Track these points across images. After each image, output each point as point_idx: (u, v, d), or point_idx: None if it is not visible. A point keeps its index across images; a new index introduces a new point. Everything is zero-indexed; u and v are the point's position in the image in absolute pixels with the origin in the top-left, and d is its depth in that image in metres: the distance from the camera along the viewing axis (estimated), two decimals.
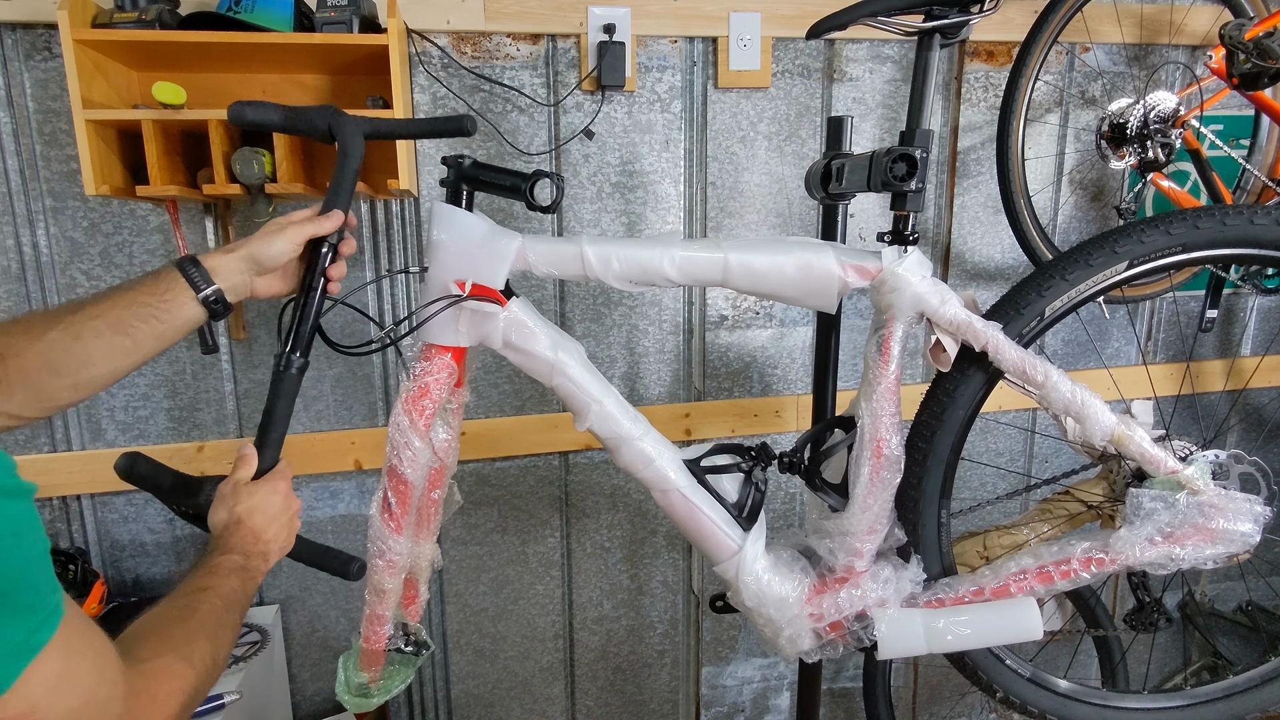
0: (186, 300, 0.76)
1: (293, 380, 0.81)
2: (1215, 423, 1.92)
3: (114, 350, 0.72)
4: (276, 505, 0.79)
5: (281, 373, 0.81)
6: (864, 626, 0.96)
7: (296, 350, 0.81)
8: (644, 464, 0.94)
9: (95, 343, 0.71)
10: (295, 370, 0.81)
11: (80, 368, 0.71)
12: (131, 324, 0.73)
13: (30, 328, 0.69)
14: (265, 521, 0.77)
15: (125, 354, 0.73)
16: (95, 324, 0.71)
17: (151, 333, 0.74)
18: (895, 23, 0.89)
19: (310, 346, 0.83)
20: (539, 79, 1.49)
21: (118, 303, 0.73)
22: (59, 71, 1.31)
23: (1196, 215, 0.89)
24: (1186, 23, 1.68)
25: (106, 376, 0.73)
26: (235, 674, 1.32)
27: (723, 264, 0.91)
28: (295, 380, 0.82)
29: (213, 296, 0.77)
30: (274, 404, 0.81)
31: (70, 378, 0.70)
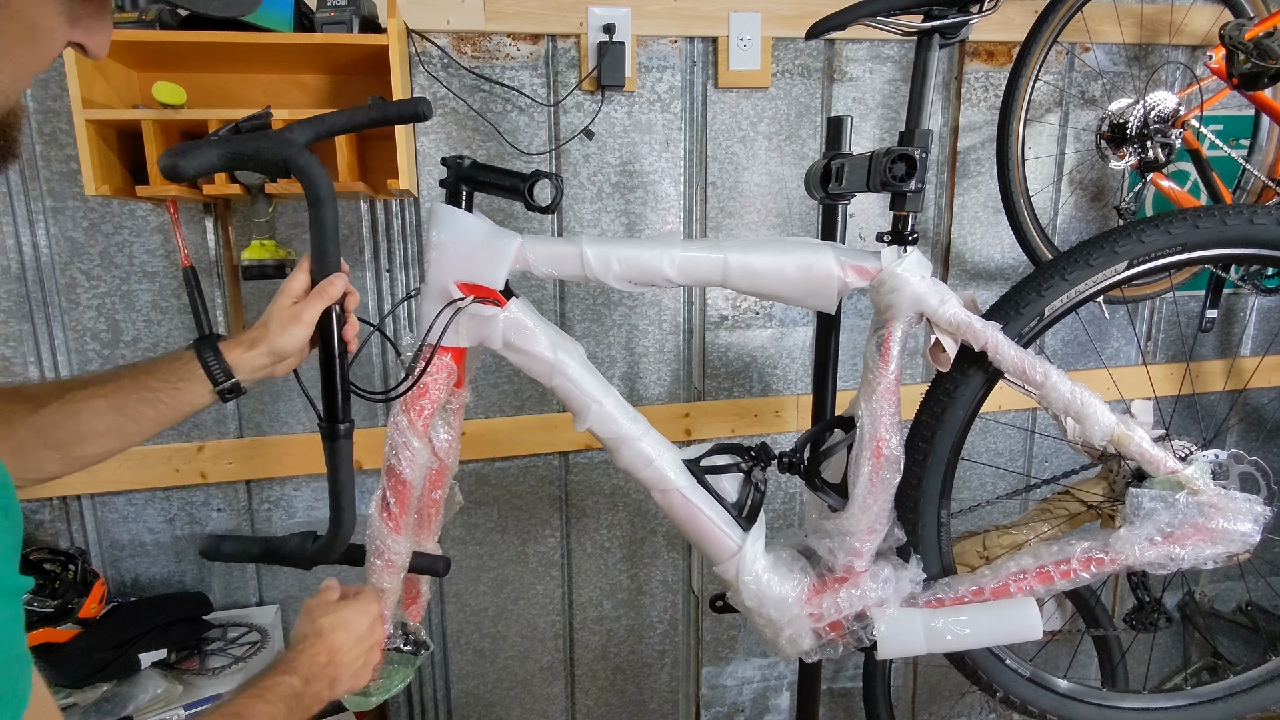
0: (201, 390, 0.74)
1: (345, 446, 0.80)
2: (1215, 423, 1.92)
3: (111, 431, 0.72)
4: (362, 626, 0.78)
5: (336, 443, 0.79)
6: (864, 626, 0.96)
7: (341, 419, 0.79)
8: (644, 464, 0.94)
9: (93, 422, 0.70)
10: (344, 435, 0.80)
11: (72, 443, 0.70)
12: (136, 407, 0.72)
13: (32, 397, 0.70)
14: (347, 640, 0.76)
15: (123, 436, 0.73)
16: (96, 403, 0.71)
17: (154, 416, 0.73)
18: (895, 23, 0.89)
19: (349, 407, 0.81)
20: (539, 79, 1.49)
21: (126, 385, 0.72)
22: (59, 71, 1.30)
23: (1197, 215, 0.89)
24: (1186, 23, 1.68)
25: (98, 455, 0.73)
26: (235, 674, 1.32)
27: (722, 264, 0.91)
28: (348, 445, 0.80)
29: (229, 388, 0.75)
30: (336, 472, 0.80)
31: (60, 452, 0.70)
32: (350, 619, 0.77)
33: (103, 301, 1.40)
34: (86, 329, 1.41)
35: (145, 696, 1.23)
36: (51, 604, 1.25)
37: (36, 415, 0.68)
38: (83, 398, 0.70)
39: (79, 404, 0.70)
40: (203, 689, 1.27)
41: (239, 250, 1.42)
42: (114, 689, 1.24)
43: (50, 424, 0.69)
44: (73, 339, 1.40)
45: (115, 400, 0.71)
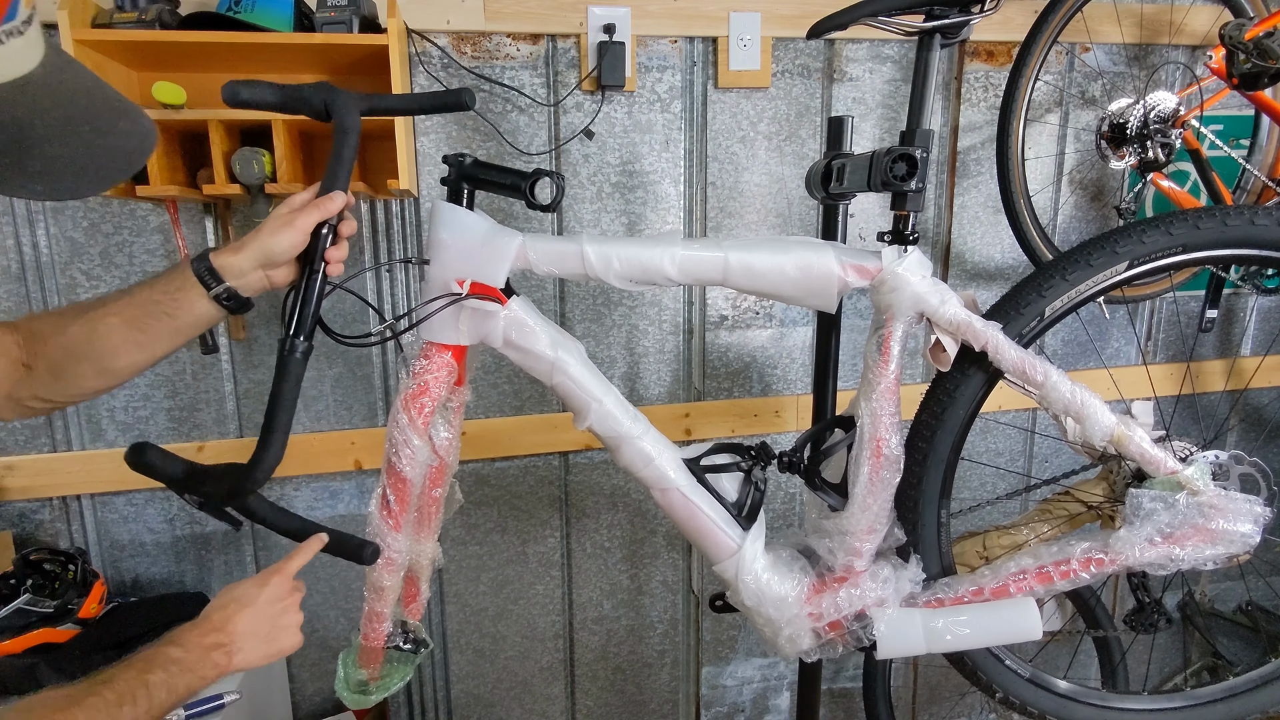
0: (197, 297, 0.77)
1: (298, 364, 0.80)
2: (1215, 423, 1.92)
3: (129, 344, 0.75)
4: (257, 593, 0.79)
5: (286, 357, 0.79)
6: (863, 626, 0.96)
7: (300, 334, 0.79)
8: (644, 463, 0.94)
9: (109, 335, 0.75)
10: (300, 354, 0.80)
11: (99, 356, 0.75)
12: (145, 320, 0.76)
13: (55, 320, 0.75)
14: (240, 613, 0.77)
15: (141, 348, 0.76)
16: (111, 319, 0.75)
17: (165, 329, 0.77)
18: (896, 23, 0.89)
19: (314, 331, 0.81)
20: (539, 79, 1.49)
21: (133, 300, 0.76)
22: None
23: (1198, 215, 0.89)
24: (1186, 23, 1.68)
25: (127, 368, 0.77)
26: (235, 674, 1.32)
27: (723, 263, 0.91)
28: (300, 365, 0.80)
29: (224, 294, 0.77)
30: (279, 388, 0.79)
31: (92, 364, 0.75)
32: (245, 593, 0.78)
33: None
34: None
35: None
36: (51, 604, 1.25)
37: (64, 334, 0.74)
38: (99, 315, 0.75)
39: (96, 320, 0.75)
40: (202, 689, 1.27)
41: None
42: None
43: (77, 340, 0.74)
44: None
45: (126, 314, 0.76)
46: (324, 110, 0.81)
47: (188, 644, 0.73)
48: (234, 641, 0.76)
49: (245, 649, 0.77)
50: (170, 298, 0.76)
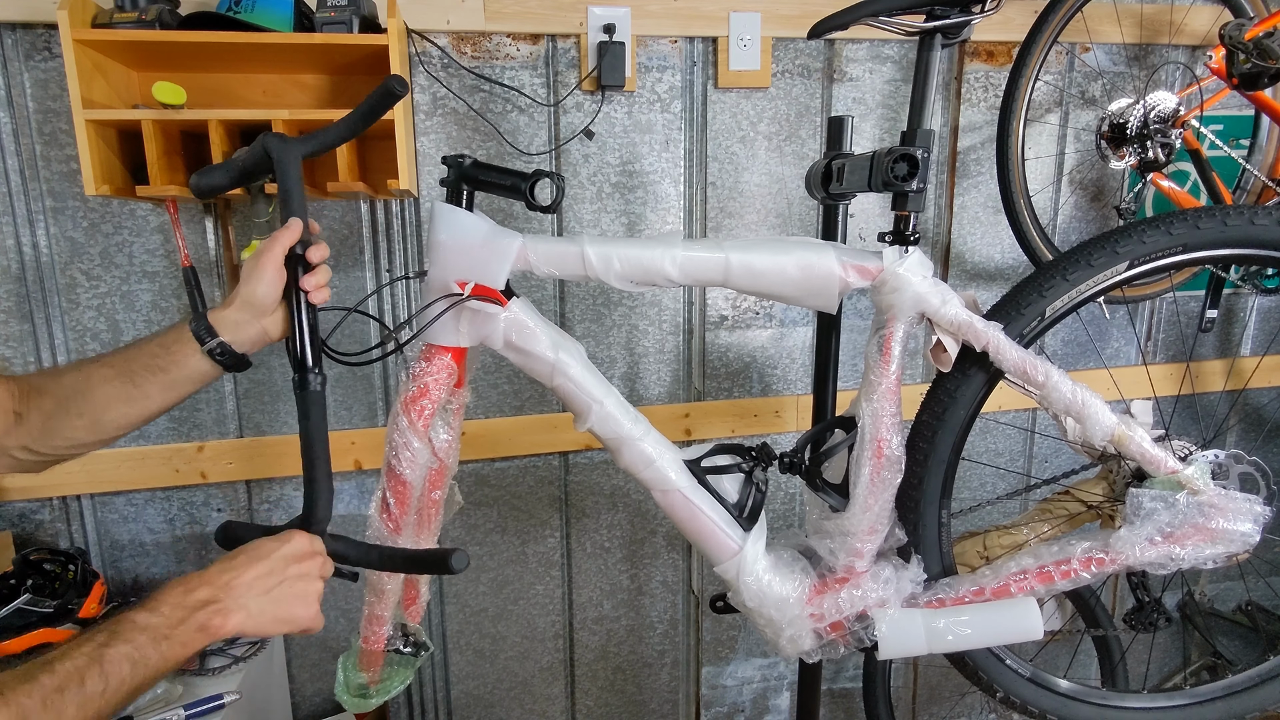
0: (192, 353, 0.76)
1: (317, 397, 0.77)
2: (1215, 423, 1.93)
3: (121, 397, 0.75)
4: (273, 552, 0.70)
5: (302, 394, 0.77)
6: (864, 627, 0.96)
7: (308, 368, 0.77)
8: (644, 464, 0.94)
9: (104, 388, 0.75)
10: (316, 387, 0.77)
11: (92, 411, 0.74)
12: (138, 374, 0.75)
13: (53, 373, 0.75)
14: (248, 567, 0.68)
15: (133, 402, 0.76)
16: (105, 371, 0.75)
17: (158, 384, 0.76)
18: (896, 23, 0.89)
19: (320, 359, 0.79)
20: (539, 79, 1.49)
21: (128, 354, 0.77)
22: (59, 71, 1.31)
23: (1198, 215, 0.89)
24: (1186, 23, 1.68)
25: (118, 420, 0.76)
26: (235, 674, 1.32)
27: (724, 264, 0.91)
28: (320, 396, 0.77)
29: (218, 349, 0.77)
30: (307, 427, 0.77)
31: (85, 419, 0.74)
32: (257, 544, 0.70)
33: (103, 301, 1.40)
34: (86, 329, 1.40)
35: (145, 696, 1.23)
36: (51, 604, 1.25)
37: (59, 386, 0.74)
38: (94, 368, 0.75)
39: (92, 374, 0.75)
40: (203, 689, 1.27)
41: (239, 250, 1.42)
42: None
43: (71, 394, 0.74)
44: (73, 339, 1.40)
45: (122, 369, 0.76)
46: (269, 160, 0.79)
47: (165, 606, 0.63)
48: (230, 598, 0.65)
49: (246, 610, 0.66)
50: (165, 351, 0.76)
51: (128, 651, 0.60)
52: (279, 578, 0.69)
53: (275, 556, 0.69)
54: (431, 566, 0.80)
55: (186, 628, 0.63)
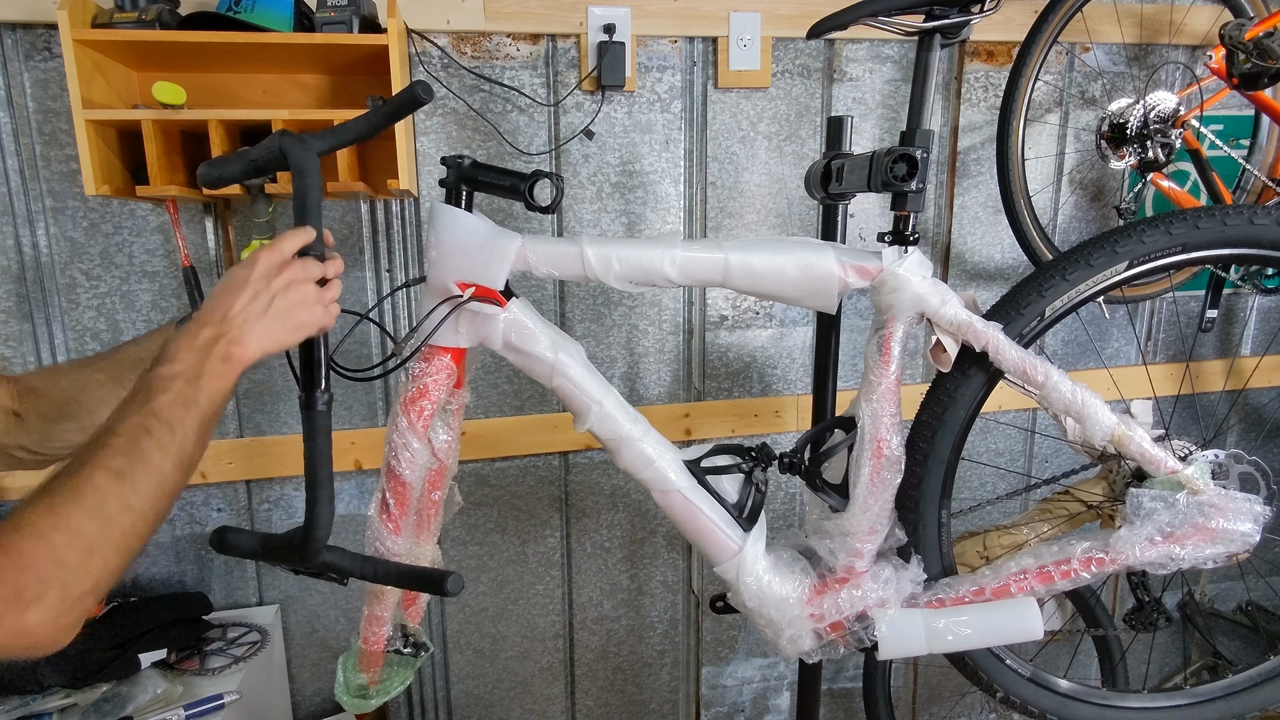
0: None
1: (323, 418, 0.76)
2: (1215, 422, 1.93)
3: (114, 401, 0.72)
4: (247, 276, 0.66)
5: (309, 414, 0.76)
6: (864, 627, 0.96)
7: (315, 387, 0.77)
8: (644, 465, 0.94)
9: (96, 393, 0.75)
10: (323, 407, 0.76)
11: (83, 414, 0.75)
12: (129, 378, 0.73)
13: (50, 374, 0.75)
14: (228, 298, 0.65)
15: None
16: (98, 375, 0.75)
17: None
18: (896, 23, 0.89)
19: (329, 377, 0.78)
20: (539, 79, 1.49)
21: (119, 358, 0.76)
22: (59, 71, 1.31)
23: (1197, 215, 0.89)
24: (1186, 23, 1.68)
25: None
26: (235, 674, 1.32)
27: (723, 264, 0.91)
28: (326, 417, 0.76)
29: None
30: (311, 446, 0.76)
31: (75, 422, 0.74)
32: (227, 276, 0.67)
33: (103, 301, 1.40)
34: (86, 329, 1.40)
35: (145, 696, 1.23)
36: None
37: (55, 390, 0.74)
38: (88, 372, 0.76)
39: (86, 378, 0.75)
40: (203, 689, 1.27)
41: (239, 250, 1.42)
42: (114, 689, 1.24)
43: (66, 398, 0.74)
44: (73, 339, 1.40)
45: (111, 372, 0.76)
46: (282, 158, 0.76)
47: (180, 354, 0.63)
48: (234, 329, 0.64)
49: (255, 333, 0.65)
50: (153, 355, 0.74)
51: (172, 398, 0.60)
52: (268, 296, 0.67)
53: (251, 280, 0.66)
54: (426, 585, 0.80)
55: (211, 363, 0.63)
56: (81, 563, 0.52)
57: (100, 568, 0.54)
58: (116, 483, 0.55)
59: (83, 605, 0.53)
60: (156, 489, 0.58)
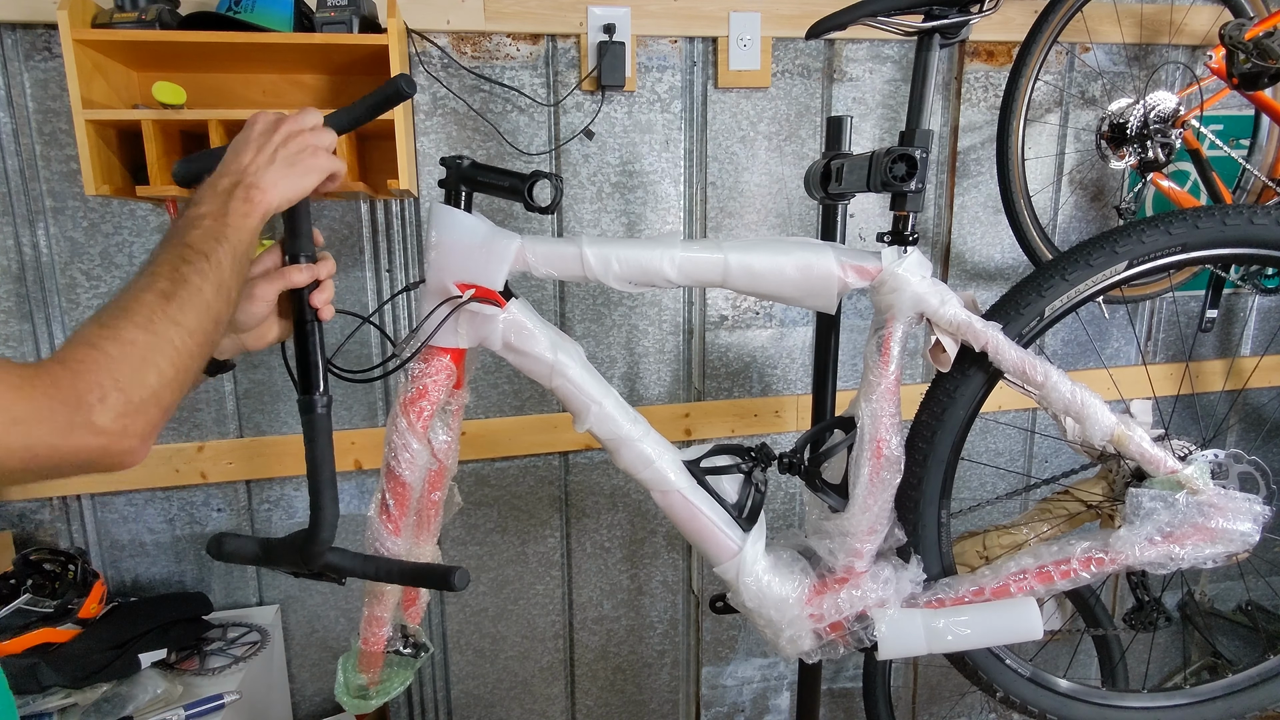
0: None
1: (323, 420, 0.77)
2: (1214, 422, 1.92)
3: None
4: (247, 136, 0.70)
5: (308, 416, 0.76)
6: (864, 627, 0.96)
7: (313, 390, 0.77)
8: (644, 465, 0.94)
9: None
10: (322, 409, 0.77)
11: None
12: None
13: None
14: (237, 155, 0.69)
15: None
16: None
17: None
18: (895, 23, 0.89)
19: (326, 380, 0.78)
20: (539, 79, 1.49)
21: None
22: (59, 71, 1.31)
23: (1196, 215, 0.89)
24: (1186, 23, 1.68)
25: None
26: (235, 674, 1.32)
27: (723, 265, 0.91)
28: (326, 420, 0.77)
29: None
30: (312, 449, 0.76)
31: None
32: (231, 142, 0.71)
33: (103, 301, 1.40)
34: None
35: (145, 696, 1.23)
36: (51, 604, 1.25)
37: None
38: None
39: None
40: (203, 689, 1.27)
41: None
42: (114, 689, 1.24)
43: None
44: None
45: None
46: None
47: (204, 201, 0.66)
48: (251, 176, 0.68)
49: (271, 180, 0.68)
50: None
51: (203, 233, 0.63)
52: (272, 149, 0.70)
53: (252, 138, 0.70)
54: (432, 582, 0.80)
55: (234, 204, 0.66)
56: (136, 370, 0.55)
57: (156, 378, 0.56)
58: (163, 301, 0.58)
59: (148, 414, 0.56)
60: (200, 311, 0.61)
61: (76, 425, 0.51)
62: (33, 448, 0.49)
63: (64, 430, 0.50)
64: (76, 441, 0.51)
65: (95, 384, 0.52)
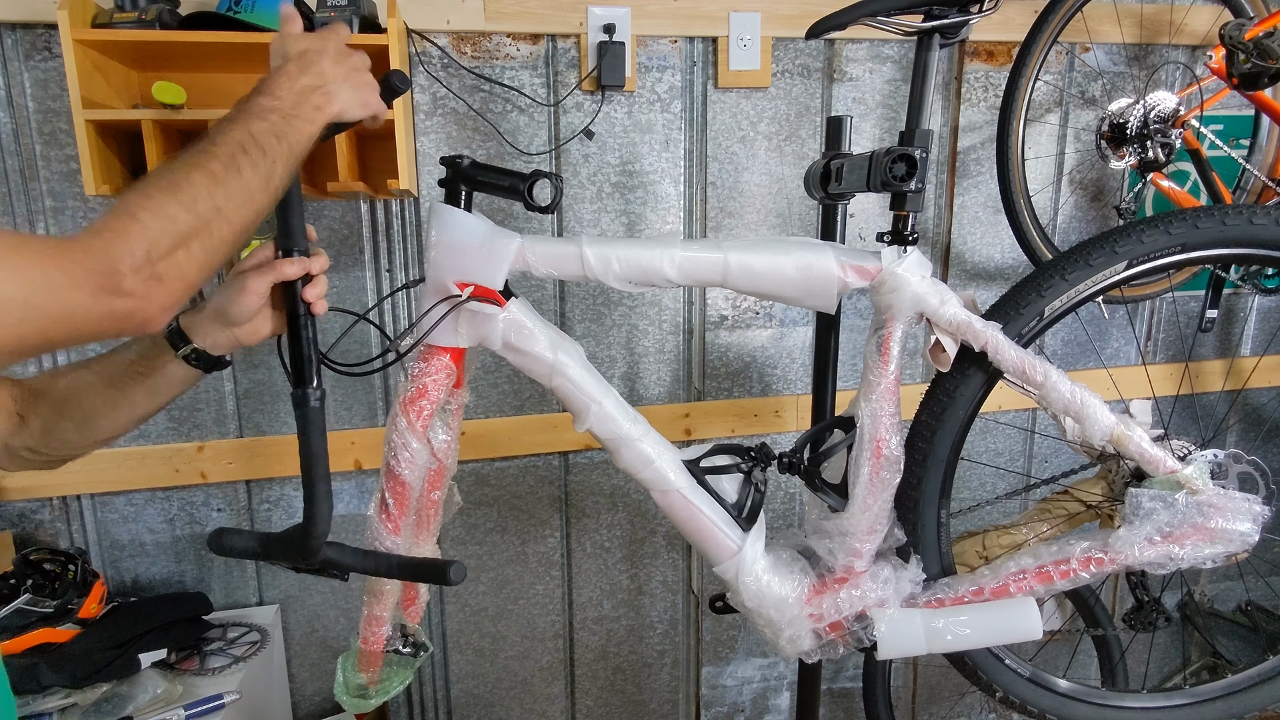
0: (169, 359, 0.76)
1: (316, 414, 0.77)
2: (1214, 422, 1.92)
3: (108, 402, 0.76)
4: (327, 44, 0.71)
5: (302, 410, 0.77)
6: (864, 627, 0.96)
7: (306, 383, 0.77)
8: (643, 465, 0.94)
9: (91, 395, 0.76)
10: (315, 403, 0.77)
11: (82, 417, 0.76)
12: (121, 380, 0.76)
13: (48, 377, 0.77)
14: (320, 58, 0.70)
15: (118, 406, 0.76)
16: (92, 378, 0.76)
17: (141, 389, 0.77)
18: (895, 23, 0.89)
19: (320, 373, 0.79)
20: (539, 79, 1.49)
21: (112, 360, 0.77)
22: (59, 71, 1.31)
23: (1196, 215, 0.89)
24: (1186, 23, 1.68)
25: (108, 427, 0.77)
26: (235, 674, 1.32)
27: (723, 264, 0.91)
28: (319, 413, 0.78)
29: (191, 355, 0.77)
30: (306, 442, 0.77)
31: (74, 423, 0.75)
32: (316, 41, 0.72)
33: None
34: None
35: (145, 696, 1.23)
36: (51, 604, 1.25)
37: (54, 391, 0.75)
38: (83, 374, 0.76)
39: (80, 380, 0.76)
40: (203, 689, 1.27)
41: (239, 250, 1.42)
42: (114, 689, 1.24)
43: (63, 400, 0.75)
44: None
45: (104, 375, 0.76)
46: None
47: (278, 91, 0.67)
48: (329, 84, 0.69)
49: (341, 93, 0.70)
50: (143, 358, 0.76)
51: (268, 127, 0.64)
52: (349, 66, 0.72)
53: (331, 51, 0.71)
54: (429, 576, 0.80)
55: (306, 108, 0.67)
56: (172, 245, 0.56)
57: (186, 256, 0.57)
58: (211, 184, 0.59)
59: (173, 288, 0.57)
60: (244, 202, 0.62)
61: (106, 289, 0.52)
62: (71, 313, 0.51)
63: (95, 294, 0.52)
64: (105, 305, 0.52)
65: (128, 252, 0.53)
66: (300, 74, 0.68)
